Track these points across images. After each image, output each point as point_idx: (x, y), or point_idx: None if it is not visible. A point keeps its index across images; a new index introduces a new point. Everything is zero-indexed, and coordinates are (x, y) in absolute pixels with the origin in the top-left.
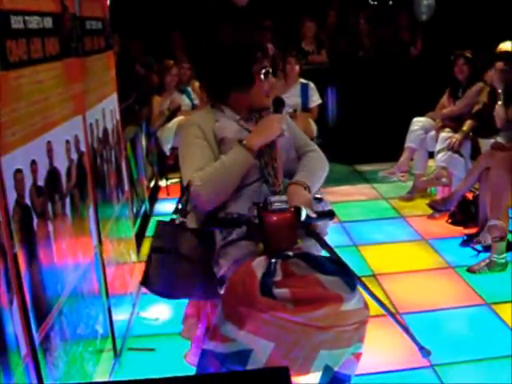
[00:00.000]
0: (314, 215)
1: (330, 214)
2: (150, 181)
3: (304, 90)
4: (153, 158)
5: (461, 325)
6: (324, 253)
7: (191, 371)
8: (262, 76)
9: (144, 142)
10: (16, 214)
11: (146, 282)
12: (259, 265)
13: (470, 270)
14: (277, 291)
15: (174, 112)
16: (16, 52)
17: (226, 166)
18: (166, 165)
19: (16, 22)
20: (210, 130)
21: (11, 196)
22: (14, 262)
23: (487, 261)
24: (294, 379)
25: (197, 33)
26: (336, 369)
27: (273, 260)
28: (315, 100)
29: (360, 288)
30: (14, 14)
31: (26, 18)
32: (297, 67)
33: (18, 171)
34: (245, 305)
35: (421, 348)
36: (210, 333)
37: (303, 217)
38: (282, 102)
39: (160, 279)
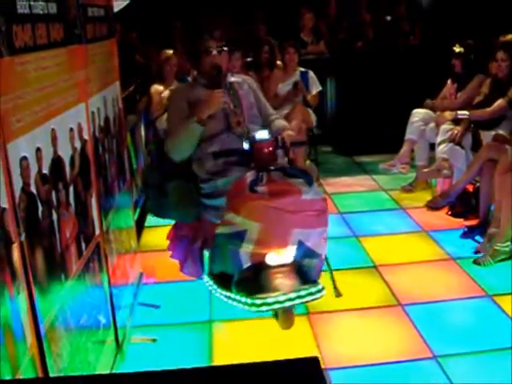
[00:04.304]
0: (288, 143)
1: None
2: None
3: (304, 78)
4: (151, 147)
5: (462, 316)
6: None
7: (195, 358)
8: (206, 52)
9: (143, 132)
10: (22, 201)
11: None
12: (250, 175)
13: (476, 263)
14: (258, 188)
15: None
16: (21, 37)
17: (184, 134)
18: None
19: (22, 7)
20: (185, 98)
21: (17, 184)
22: (21, 250)
23: (491, 251)
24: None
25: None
26: (308, 244)
27: (261, 173)
28: (315, 88)
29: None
30: None
31: (32, 2)
32: (295, 56)
33: (24, 158)
34: (239, 199)
35: (334, 287)
36: (222, 221)
37: (280, 144)
38: (219, 71)
39: (153, 205)
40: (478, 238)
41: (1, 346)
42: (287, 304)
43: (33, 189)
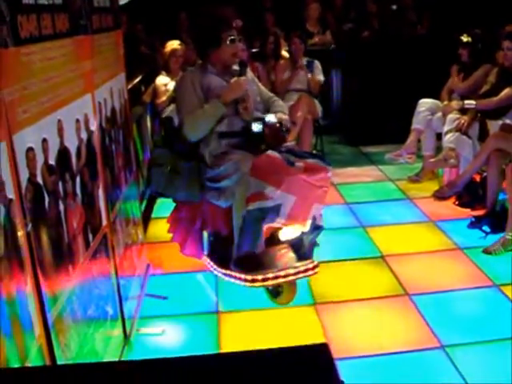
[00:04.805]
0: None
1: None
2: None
3: (309, 67)
4: (157, 138)
5: (470, 306)
6: None
7: (202, 349)
8: (228, 41)
9: (149, 123)
10: (28, 192)
11: (149, 184)
12: (274, 153)
13: (486, 251)
14: (296, 164)
15: None
16: (27, 27)
17: (206, 114)
18: None
19: None
20: (198, 82)
21: (23, 174)
22: (28, 240)
23: (501, 240)
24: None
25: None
26: (317, 219)
27: (280, 151)
28: (319, 78)
29: None
30: None
31: None
32: (302, 47)
33: (30, 149)
34: (279, 173)
35: None
36: (252, 197)
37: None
38: (245, 64)
39: (156, 183)
40: (485, 227)
41: (9, 337)
42: (288, 279)
43: (39, 179)
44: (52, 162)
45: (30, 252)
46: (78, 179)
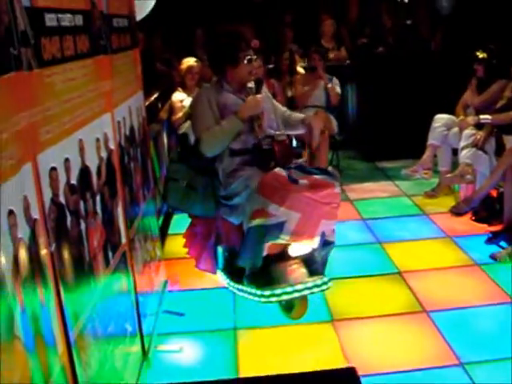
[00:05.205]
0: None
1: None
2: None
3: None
4: (174, 155)
5: (488, 323)
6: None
7: (220, 366)
8: (245, 61)
9: (165, 140)
10: (52, 212)
11: (165, 199)
12: (280, 171)
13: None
14: (300, 181)
15: None
16: (50, 49)
17: (223, 130)
18: None
19: (50, 20)
20: (214, 99)
21: (47, 194)
22: (51, 260)
23: (509, 249)
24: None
25: (216, 30)
26: (326, 235)
27: (289, 167)
28: (338, 90)
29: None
30: (48, 11)
31: (59, 15)
32: (321, 63)
33: (53, 169)
34: (282, 191)
35: None
36: (255, 214)
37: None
38: (261, 81)
39: (172, 198)
40: (502, 243)
41: (33, 354)
42: (295, 295)
43: (62, 199)
44: (74, 181)
45: (53, 270)
46: (98, 198)
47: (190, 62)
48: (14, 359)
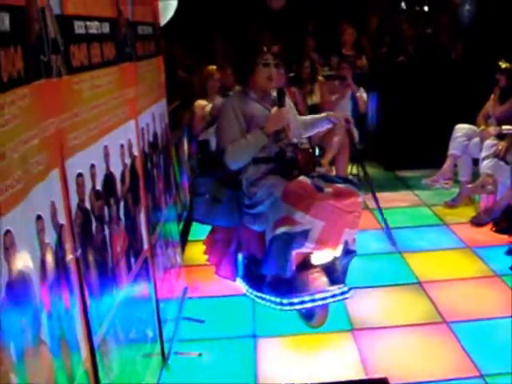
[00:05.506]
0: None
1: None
2: (191, 185)
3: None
4: (194, 162)
5: (509, 334)
6: None
7: (240, 373)
8: (261, 65)
9: (186, 146)
10: (78, 217)
11: (192, 214)
12: (305, 179)
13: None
14: (325, 189)
15: (216, 117)
16: (78, 57)
17: (249, 144)
18: None
19: (79, 28)
20: (240, 110)
21: (73, 200)
22: (77, 265)
23: None
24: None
25: (235, 37)
26: (349, 244)
27: (312, 176)
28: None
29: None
30: (77, 19)
31: (87, 23)
32: (350, 72)
33: (80, 175)
34: (308, 199)
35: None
36: (281, 221)
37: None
38: (283, 93)
39: (197, 212)
40: None
41: (58, 358)
42: (316, 304)
43: (87, 205)
44: (99, 187)
45: (78, 276)
46: (121, 204)
47: (210, 69)
48: (40, 363)
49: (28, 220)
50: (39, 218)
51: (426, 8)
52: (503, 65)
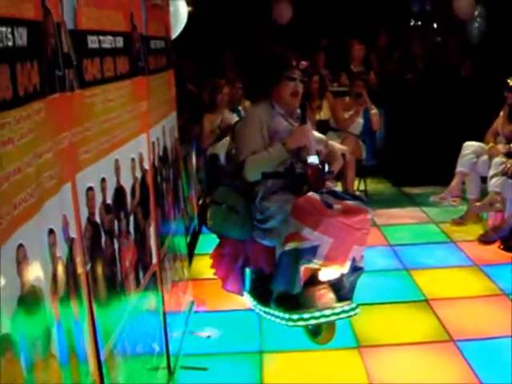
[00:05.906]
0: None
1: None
2: (198, 199)
3: (366, 112)
4: (202, 175)
5: None
6: None
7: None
8: (287, 79)
9: (194, 160)
10: (87, 231)
11: (205, 223)
12: (314, 195)
13: None
14: (334, 206)
15: (225, 131)
16: (91, 71)
17: (270, 157)
18: None
19: (92, 42)
20: (266, 122)
21: (83, 213)
22: (86, 279)
23: None
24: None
25: (244, 51)
26: (356, 260)
27: (321, 192)
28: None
29: None
30: (91, 33)
31: (101, 37)
32: (365, 89)
33: (90, 189)
34: (317, 215)
35: None
36: (290, 237)
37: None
38: (306, 107)
39: (214, 221)
40: None
41: (66, 369)
42: (323, 320)
43: (97, 218)
44: (109, 201)
45: (87, 289)
46: (131, 218)
47: (220, 82)
48: (49, 377)
49: (40, 234)
50: (51, 231)
51: (435, 25)
52: (511, 82)
